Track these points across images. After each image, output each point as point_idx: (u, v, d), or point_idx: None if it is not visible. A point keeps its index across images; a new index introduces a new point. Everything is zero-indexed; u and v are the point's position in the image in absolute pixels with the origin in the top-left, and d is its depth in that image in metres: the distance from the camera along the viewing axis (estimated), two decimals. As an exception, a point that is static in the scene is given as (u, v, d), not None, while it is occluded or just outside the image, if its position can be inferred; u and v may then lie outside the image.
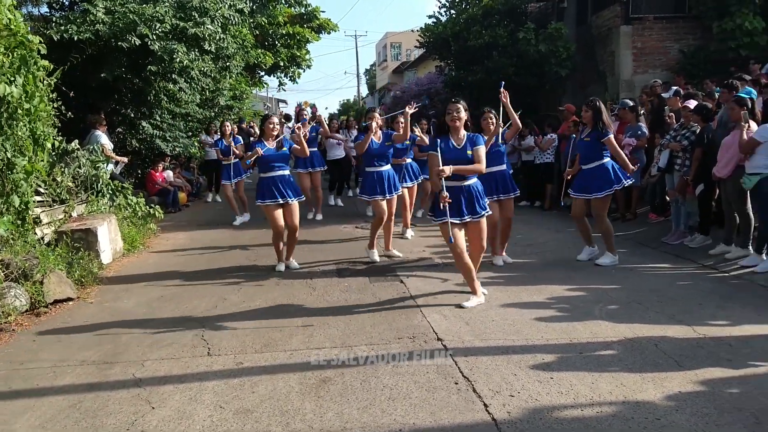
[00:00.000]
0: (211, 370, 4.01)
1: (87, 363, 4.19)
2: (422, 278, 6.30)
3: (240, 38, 12.90)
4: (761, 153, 6.13)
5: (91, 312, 5.45)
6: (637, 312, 5.04)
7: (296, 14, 20.85)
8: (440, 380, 3.73)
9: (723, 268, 6.51)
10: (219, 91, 15.27)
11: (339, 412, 3.36)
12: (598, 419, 3.21)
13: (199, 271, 6.88)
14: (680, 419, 3.18)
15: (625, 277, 6.26)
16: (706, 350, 4.16)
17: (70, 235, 6.75)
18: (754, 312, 5.01)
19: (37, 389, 3.82)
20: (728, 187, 6.68)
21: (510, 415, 3.26)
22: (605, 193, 6.60)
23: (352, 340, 4.47)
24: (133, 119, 11.96)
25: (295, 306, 5.42)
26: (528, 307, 5.23)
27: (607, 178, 6.57)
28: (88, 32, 9.47)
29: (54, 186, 7.55)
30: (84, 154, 8.42)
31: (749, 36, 12.11)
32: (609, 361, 4.02)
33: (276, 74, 22.08)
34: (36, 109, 6.44)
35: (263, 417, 3.32)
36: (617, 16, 14.06)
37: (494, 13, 15.85)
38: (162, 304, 5.64)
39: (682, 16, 13.97)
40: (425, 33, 17.74)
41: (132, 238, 8.18)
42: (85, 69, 10.03)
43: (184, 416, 3.36)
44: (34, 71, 6.48)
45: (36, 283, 5.52)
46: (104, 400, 3.59)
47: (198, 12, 10.62)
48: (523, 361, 4.02)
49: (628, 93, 13.33)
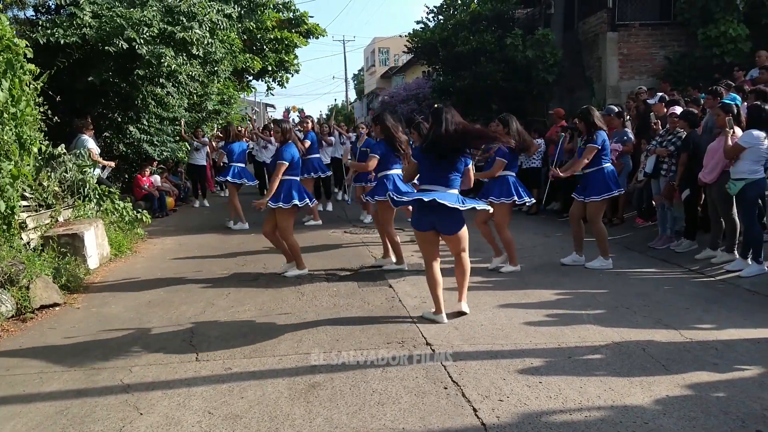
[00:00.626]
0: (199, 375, 3.99)
1: (74, 369, 4.16)
2: (411, 283, 6.30)
3: (228, 43, 12.86)
4: (746, 159, 6.20)
5: (78, 317, 5.41)
6: (624, 316, 5.08)
7: (284, 19, 20.82)
8: (429, 385, 3.74)
9: (709, 272, 6.57)
10: (207, 95, 15.24)
11: (328, 417, 3.35)
12: (586, 423, 3.22)
13: (187, 276, 6.85)
14: (668, 423, 3.21)
15: (612, 281, 6.31)
16: (692, 354, 4.20)
17: (57, 240, 6.70)
18: (739, 316, 5.07)
19: (23, 395, 3.78)
20: (714, 192, 6.75)
21: (499, 420, 3.27)
22: (602, 197, 6.68)
23: (341, 345, 4.47)
24: (121, 123, 11.89)
25: (284, 311, 5.40)
26: (517, 311, 5.26)
27: (605, 184, 6.65)
28: (75, 36, 9.40)
29: (40, 190, 7.49)
30: (71, 159, 8.35)
31: (733, 43, 12.27)
32: (597, 365, 4.04)
33: (264, 79, 22.02)
34: (22, 113, 6.40)
35: (252, 423, 3.31)
36: (604, 23, 14.19)
37: (482, 19, 15.95)
38: (150, 309, 5.61)
39: (668, 22, 14.13)
40: (413, 38, 17.81)
41: (119, 243, 8.13)
42: (72, 73, 9.97)
43: (172, 422, 3.34)
44: (21, 75, 6.44)
45: (22, 289, 5.47)
46: (92, 407, 3.56)
47: (186, 16, 10.58)
48: (512, 365, 4.03)
49: (614, 99, 13.45)
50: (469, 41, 15.43)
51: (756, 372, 3.89)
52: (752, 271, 6.19)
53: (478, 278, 6.42)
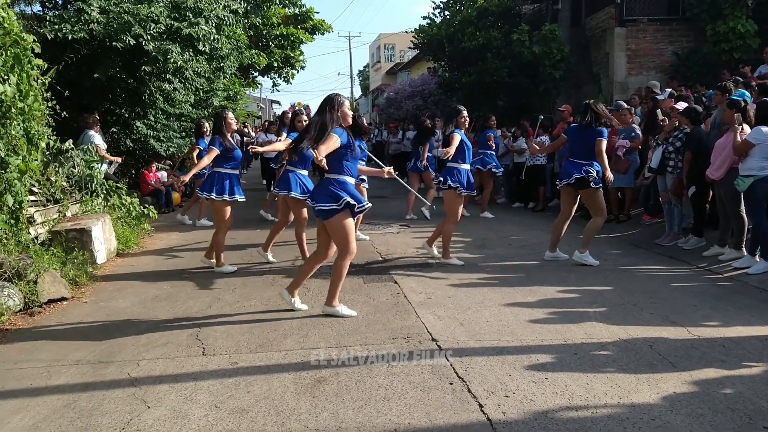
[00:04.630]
0: (206, 369, 4.00)
1: (81, 363, 4.18)
2: (416, 279, 6.30)
3: (234, 39, 12.87)
4: (754, 155, 6.16)
5: (86, 311, 5.43)
6: (631, 313, 5.07)
7: (290, 15, 20.82)
8: (435, 380, 3.74)
9: (717, 269, 6.54)
10: (213, 91, 15.24)
11: (334, 411, 3.36)
12: (593, 420, 3.22)
13: (194, 271, 6.86)
14: (675, 420, 3.20)
15: (618, 278, 6.29)
16: (700, 351, 4.19)
17: (65, 234, 6.73)
18: (747, 313, 5.05)
19: (31, 389, 3.80)
20: (722, 189, 6.72)
21: (505, 416, 3.27)
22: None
23: (346, 341, 4.47)
24: (127, 119, 11.90)
25: (290, 306, 5.40)
26: (522, 307, 5.25)
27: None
28: (82, 32, 9.43)
29: (48, 185, 7.51)
30: (78, 154, 8.38)
31: (742, 39, 12.20)
32: (604, 361, 4.03)
33: (270, 75, 22.04)
34: (30, 108, 6.42)
35: (259, 417, 3.32)
36: (611, 18, 14.13)
37: (488, 15, 15.91)
38: (156, 303, 5.62)
39: (676, 18, 14.06)
40: (419, 34, 17.78)
41: (126, 237, 8.15)
42: (79, 69, 9.99)
43: (179, 416, 3.35)
44: (28, 70, 6.45)
45: (30, 283, 5.49)
46: (99, 400, 3.57)
47: (192, 12, 10.59)
48: (517, 361, 4.03)
49: (622, 95, 13.39)
50: (476, 37, 15.40)
51: (763, 369, 3.88)
52: (760, 269, 6.16)
53: (483, 275, 6.42)
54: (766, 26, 12.28)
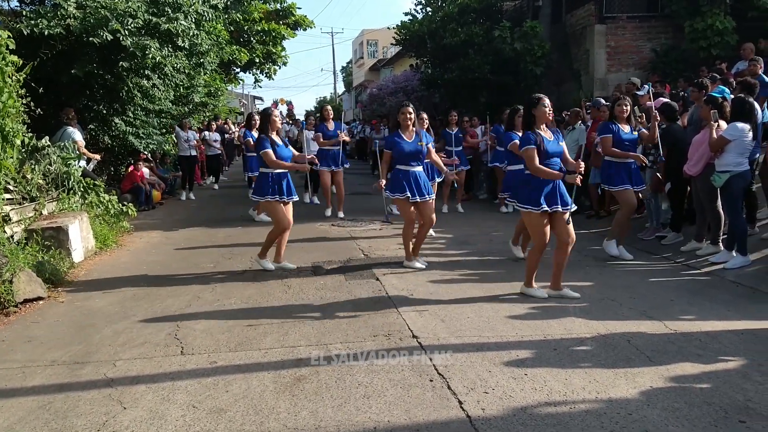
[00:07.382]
0: (184, 369, 3.97)
1: (57, 363, 4.12)
2: (398, 276, 6.30)
3: (214, 34, 12.72)
4: (730, 151, 6.23)
5: (62, 311, 5.36)
6: (610, 308, 5.11)
7: (271, 11, 20.64)
8: (415, 378, 3.73)
9: (694, 264, 6.61)
10: (193, 87, 15.08)
11: (314, 410, 3.34)
12: (571, 415, 3.23)
13: (173, 270, 6.80)
14: (651, 414, 3.23)
15: (598, 273, 6.34)
16: (677, 345, 4.23)
17: (41, 233, 6.63)
18: (723, 308, 5.11)
19: (5, 390, 3.74)
20: (699, 184, 6.79)
21: (484, 412, 3.27)
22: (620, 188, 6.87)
23: (327, 339, 4.46)
24: (105, 116, 11.74)
25: (270, 304, 5.38)
26: (503, 303, 5.27)
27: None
28: (58, 27, 9.26)
29: (24, 183, 7.40)
30: (55, 151, 8.25)
31: (720, 35, 12.34)
32: (582, 357, 4.06)
33: (252, 71, 21.86)
34: (5, 105, 6.33)
35: (237, 416, 3.30)
36: (591, 15, 14.23)
37: (470, 11, 15.94)
38: (135, 302, 5.56)
39: (655, 15, 14.19)
40: (402, 30, 17.76)
41: (104, 236, 8.05)
42: (55, 65, 9.83)
43: (156, 416, 3.31)
44: (3, 66, 6.35)
45: (5, 282, 5.40)
46: (75, 401, 3.53)
47: (171, 8, 10.46)
48: (497, 357, 4.04)
49: (602, 91, 13.49)
50: (458, 33, 15.42)
51: (739, 363, 3.92)
52: (736, 263, 6.24)
53: (465, 271, 6.44)
54: (743, 23, 12.42)
